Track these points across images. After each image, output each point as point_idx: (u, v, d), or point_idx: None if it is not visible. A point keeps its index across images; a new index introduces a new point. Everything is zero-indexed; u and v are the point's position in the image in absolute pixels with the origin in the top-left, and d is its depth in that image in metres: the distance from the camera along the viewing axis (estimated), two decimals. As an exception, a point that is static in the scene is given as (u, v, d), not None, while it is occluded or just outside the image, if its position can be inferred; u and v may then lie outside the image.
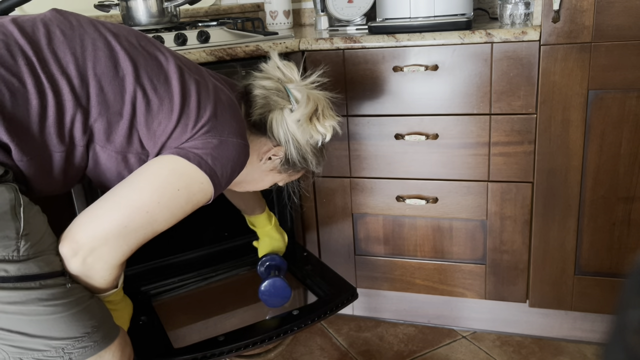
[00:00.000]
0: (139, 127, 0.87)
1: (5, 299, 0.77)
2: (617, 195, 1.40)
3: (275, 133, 1.04)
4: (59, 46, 0.84)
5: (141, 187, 0.87)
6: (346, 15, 1.76)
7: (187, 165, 0.88)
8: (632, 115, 1.33)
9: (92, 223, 0.86)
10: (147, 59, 0.90)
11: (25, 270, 0.78)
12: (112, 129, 0.86)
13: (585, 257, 1.47)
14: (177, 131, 0.89)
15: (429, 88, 1.46)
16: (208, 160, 0.89)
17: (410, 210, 1.58)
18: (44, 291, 0.80)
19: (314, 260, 1.53)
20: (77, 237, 0.85)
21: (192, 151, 0.89)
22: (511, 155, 1.45)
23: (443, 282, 1.63)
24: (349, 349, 1.66)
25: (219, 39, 1.51)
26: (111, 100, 0.85)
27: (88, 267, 0.86)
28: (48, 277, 0.81)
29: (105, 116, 0.85)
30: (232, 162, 0.93)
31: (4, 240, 0.77)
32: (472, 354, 1.61)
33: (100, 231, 0.85)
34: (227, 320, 1.34)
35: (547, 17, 1.32)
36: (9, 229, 0.77)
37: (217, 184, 0.91)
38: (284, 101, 1.03)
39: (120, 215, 0.86)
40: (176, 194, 0.88)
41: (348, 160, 1.59)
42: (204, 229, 1.79)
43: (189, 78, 0.92)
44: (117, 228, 0.85)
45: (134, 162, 0.90)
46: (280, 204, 1.65)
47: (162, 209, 0.88)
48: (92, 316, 0.86)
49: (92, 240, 0.85)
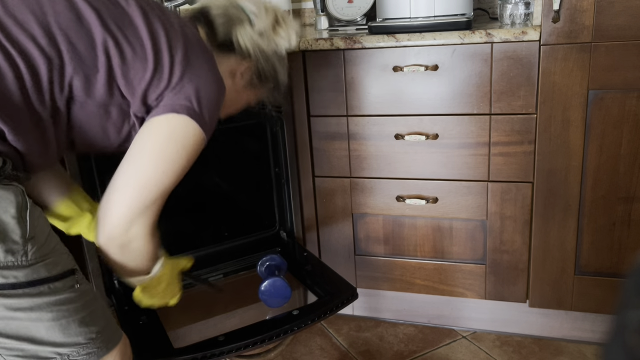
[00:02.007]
0: (117, 78, 0.86)
1: (16, 306, 0.76)
2: (617, 195, 1.40)
3: (243, 49, 1.04)
4: (15, 8, 0.81)
5: (145, 164, 0.90)
6: (346, 15, 1.76)
7: (179, 122, 0.90)
8: (632, 115, 1.33)
9: (115, 211, 0.90)
10: (108, 5, 0.87)
11: (34, 275, 0.78)
12: (90, 83, 0.85)
13: (585, 257, 1.47)
14: (155, 79, 0.88)
15: (429, 88, 1.46)
16: (195, 108, 0.90)
17: (410, 210, 1.58)
18: (54, 295, 0.80)
19: (314, 260, 1.54)
20: (106, 230, 0.90)
21: (177, 104, 0.90)
22: (511, 155, 1.45)
23: (443, 282, 1.63)
24: (349, 349, 1.66)
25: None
26: (83, 52, 0.83)
27: (128, 250, 0.92)
28: (57, 280, 0.80)
29: (82, 70, 0.83)
30: (214, 101, 0.94)
31: (12, 245, 0.76)
32: (472, 354, 1.61)
33: (124, 216, 0.90)
34: (227, 320, 1.35)
35: (547, 17, 1.32)
36: (16, 234, 0.76)
37: (208, 130, 0.94)
38: (243, 14, 1.03)
39: (136, 197, 0.90)
40: (177, 156, 0.91)
41: (348, 160, 1.59)
42: (204, 229, 1.79)
43: (153, 18, 0.91)
44: (138, 207, 0.90)
45: (116, 113, 0.90)
46: (281, 204, 1.66)
47: (169, 173, 0.92)
48: (97, 320, 0.86)
49: (120, 227, 0.90)
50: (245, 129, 1.70)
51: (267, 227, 1.68)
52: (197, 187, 2.00)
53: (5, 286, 0.75)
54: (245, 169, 1.85)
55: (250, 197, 1.85)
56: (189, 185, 2.10)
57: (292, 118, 1.56)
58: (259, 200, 1.73)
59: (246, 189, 1.88)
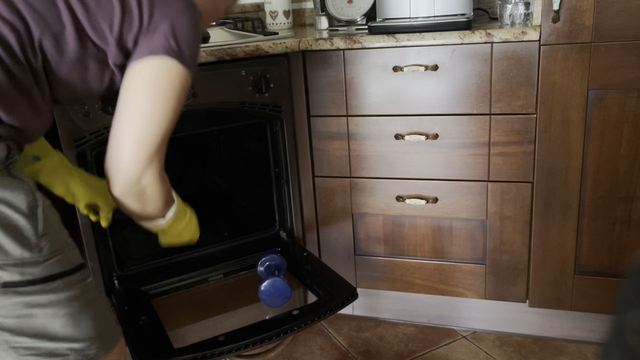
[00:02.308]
0: (86, 29, 0.85)
1: (33, 302, 0.77)
2: (617, 195, 1.40)
3: None
4: None
5: (137, 118, 0.89)
6: (346, 15, 1.76)
7: (160, 65, 0.88)
8: (632, 115, 1.33)
9: (123, 167, 0.90)
10: None
11: (49, 271, 0.78)
12: (60, 41, 0.84)
13: (585, 257, 1.47)
14: (125, 22, 0.87)
15: (429, 88, 1.46)
16: (173, 46, 0.89)
17: (410, 210, 1.58)
18: (68, 290, 0.81)
19: (314, 260, 1.54)
20: (119, 185, 0.90)
21: (154, 45, 0.88)
22: (511, 155, 1.45)
23: (443, 282, 1.63)
24: (349, 349, 1.66)
25: (219, 39, 1.51)
26: (45, 12, 0.82)
27: (144, 197, 0.92)
28: (70, 274, 0.81)
29: (48, 31, 0.82)
30: (192, 31, 0.92)
31: (27, 242, 0.76)
32: (472, 354, 1.61)
33: (133, 169, 0.89)
34: (227, 320, 1.35)
35: (547, 17, 1.32)
36: (30, 231, 0.77)
37: (191, 64, 0.92)
38: None
39: (138, 150, 0.89)
40: (167, 101, 0.90)
41: (348, 160, 1.59)
42: (204, 229, 1.79)
43: None
44: (143, 159, 0.90)
45: (94, 65, 0.89)
46: (281, 204, 1.66)
47: (163, 120, 0.91)
48: (104, 314, 0.88)
49: (132, 180, 0.90)
50: (245, 129, 1.70)
51: (267, 227, 1.68)
52: (197, 187, 2.01)
53: (22, 283, 0.76)
54: (245, 169, 1.85)
55: (250, 197, 1.86)
56: (189, 185, 2.11)
57: (292, 118, 1.56)
58: (259, 200, 1.73)
59: (246, 189, 1.89)
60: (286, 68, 1.50)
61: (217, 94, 1.42)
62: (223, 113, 1.52)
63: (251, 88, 1.45)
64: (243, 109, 1.47)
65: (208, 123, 1.56)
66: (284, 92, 1.51)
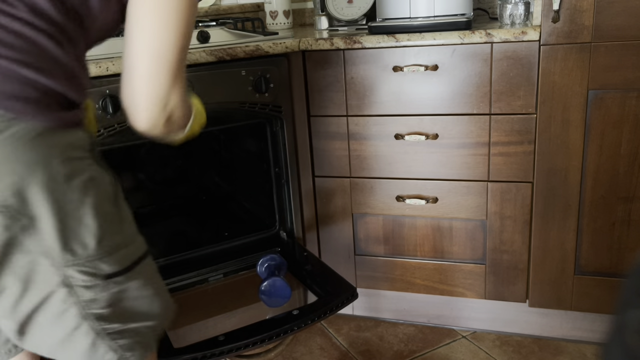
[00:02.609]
0: None
1: (128, 288, 0.78)
2: (617, 195, 1.40)
3: None
4: None
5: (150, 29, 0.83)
6: (346, 15, 1.76)
7: None
8: (632, 115, 1.33)
9: (143, 90, 0.84)
10: None
11: (136, 254, 0.80)
12: None
13: (585, 257, 1.47)
14: None
15: (429, 88, 1.46)
16: None
17: (410, 210, 1.58)
18: (148, 270, 0.82)
19: (314, 260, 1.54)
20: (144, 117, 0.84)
21: None
22: (511, 155, 1.45)
23: (443, 282, 1.63)
24: (349, 349, 1.66)
25: (219, 39, 1.51)
26: None
27: (172, 121, 0.87)
28: (148, 255, 0.83)
29: None
30: None
31: (116, 227, 0.77)
32: (472, 353, 1.61)
33: (156, 91, 0.84)
34: (227, 320, 1.35)
35: (547, 17, 1.32)
36: (116, 217, 0.78)
37: None
38: None
39: (158, 64, 0.83)
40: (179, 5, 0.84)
41: (348, 160, 1.59)
42: (204, 229, 1.79)
43: None
44: (167, 74, 0.84)
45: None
46: (281, 204, 1.66)
47: (179, 27, 0.85)
48: (165, 290, 0.89)
49: (157, 108, 0.84)
50: (245, 129, 1.70)
51: (267, 227, 1.68)
52: (197, 187, 2.01)
53: (120, 272, 0.77)
54: (245, 169, 1.85)
55: (250, 197, 1.86)
56: (189, 186, 2.10)
57: (292, 118, 1.56)
58: (259, 200, 1.73)
59: (246, 189, 1.89)
60: (286, 68, 1.50)
61: (217, 94, 1.42)
62: (223, 113, 1.52)
63: (251, 88, 1.45)
64: (243, 109, 1.47)
65: (208, 123, 1.55)
66: (284, 92, 1.51)
